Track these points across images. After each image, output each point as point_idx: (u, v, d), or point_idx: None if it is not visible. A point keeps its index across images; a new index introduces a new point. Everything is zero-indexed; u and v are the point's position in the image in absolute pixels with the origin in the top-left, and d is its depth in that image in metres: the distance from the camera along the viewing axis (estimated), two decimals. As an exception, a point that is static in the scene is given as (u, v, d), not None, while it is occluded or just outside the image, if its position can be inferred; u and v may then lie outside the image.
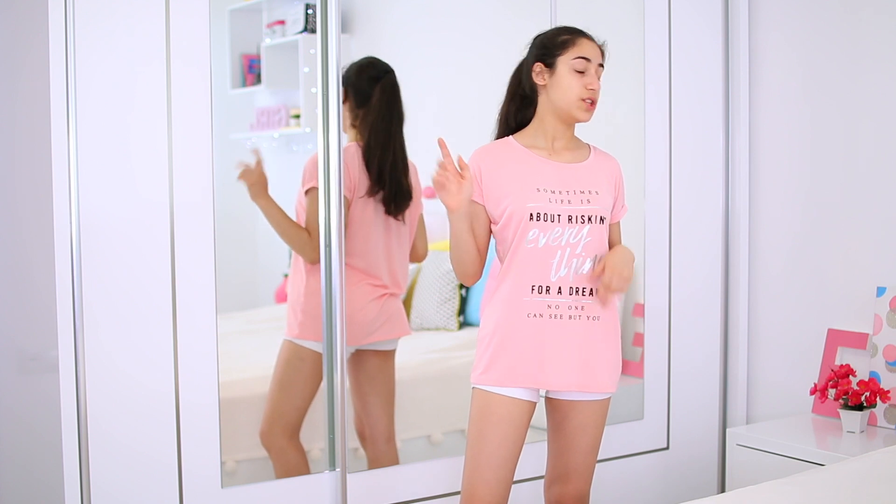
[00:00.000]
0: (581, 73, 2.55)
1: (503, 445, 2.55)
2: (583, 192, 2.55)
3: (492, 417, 2.54)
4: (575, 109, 2.56)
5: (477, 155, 2.60)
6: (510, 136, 2.63)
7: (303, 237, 3.09)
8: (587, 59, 2.55)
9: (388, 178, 3.19)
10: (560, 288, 2.52)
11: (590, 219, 2.53)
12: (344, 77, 3.12)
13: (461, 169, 2.49)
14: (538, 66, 2.59)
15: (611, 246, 2.65)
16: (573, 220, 2.52)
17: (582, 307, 2.53)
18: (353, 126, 3.22)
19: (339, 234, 2.93)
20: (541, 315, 2.52)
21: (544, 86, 2.58)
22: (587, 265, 2.53)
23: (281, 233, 3.15)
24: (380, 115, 3.20)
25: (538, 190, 2.52)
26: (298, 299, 3.16)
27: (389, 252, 3.24)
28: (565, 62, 2.55)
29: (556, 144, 2.60)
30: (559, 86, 2.56)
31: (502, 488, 2.57)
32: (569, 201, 2.53)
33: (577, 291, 2.53)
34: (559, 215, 2.51)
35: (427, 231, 3.43)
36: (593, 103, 2.57)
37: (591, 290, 2.54)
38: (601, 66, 2.59)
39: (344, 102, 3.16)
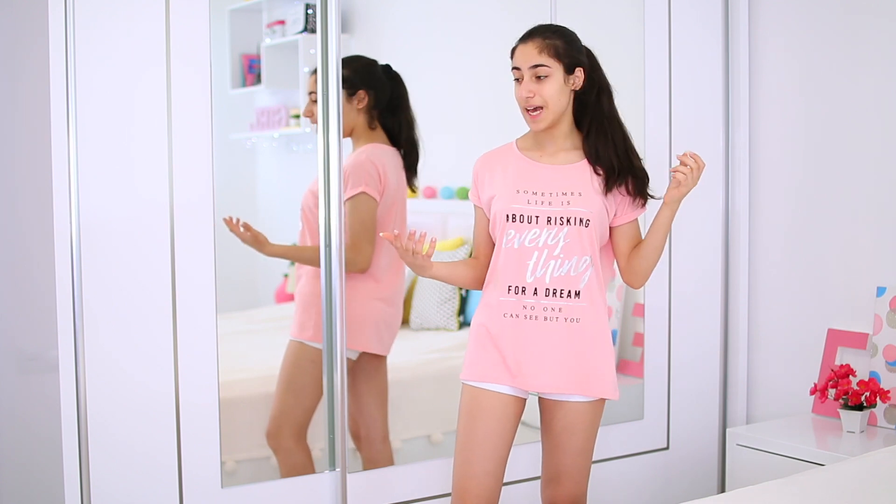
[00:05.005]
0: (518, 81, 2.55)
1: (490, 439, 2.55)
2: (564, 194, 2.53)
3: (478, 412, 2.55)
4: (525, 120, 2.57)
5: (477, 161, 2.66)
6: (514, 141, 2.65)
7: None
8: (517, 68, 2.54)
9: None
10: (536, 289, 2.52)
11: (569, 220, 2.51)
12: (363, 79, 3.14)
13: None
14: None
15: (625, 243, 2.62)
16: (552, 221, 2.51)
17: (559, 309, 2.52)
18: (371, 128, 3.20)
19: (340, 235, 2.92)
20: (516, 315, 2.53)
21: None
22: (566, 266, 2.52)
23: (304, 262, 3.17)
24: (408, 108, 3.26)
25: (517, 192, 2.54)
26: (314, 300, 3.09)
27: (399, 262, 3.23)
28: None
29: (548, 147, 2.60)
30: None
31: (491, 482, 2.57)
32: (549, 203, 2.53)
33: (553, 293, 2.52)
34: (537, 217, 2.52)
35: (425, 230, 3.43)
36: (535, 110, 2.52)
37: (570, 291, 2.53)
38: (541, 65, 2.49)
39: (360, 104, 3.16)
